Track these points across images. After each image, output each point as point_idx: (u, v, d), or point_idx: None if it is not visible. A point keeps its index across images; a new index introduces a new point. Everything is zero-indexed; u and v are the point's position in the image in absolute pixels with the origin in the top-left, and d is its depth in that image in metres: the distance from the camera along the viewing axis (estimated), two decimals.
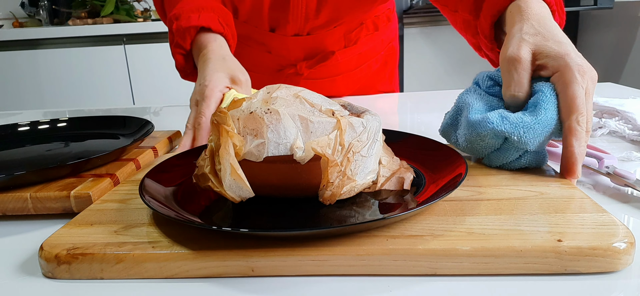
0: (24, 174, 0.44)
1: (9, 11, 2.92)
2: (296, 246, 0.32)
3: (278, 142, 0.34)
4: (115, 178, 0.48)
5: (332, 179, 0.34)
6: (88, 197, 0.43)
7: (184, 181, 0.44)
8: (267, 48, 0.94)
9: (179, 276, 0.33)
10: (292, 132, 0.35)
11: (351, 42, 0.96)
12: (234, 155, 0.33)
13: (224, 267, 0.32)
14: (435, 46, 2.66)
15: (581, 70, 0.42)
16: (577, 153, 0.41)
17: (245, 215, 0.38)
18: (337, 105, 0.40)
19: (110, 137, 0.64)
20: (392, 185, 0.40)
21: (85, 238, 0.35)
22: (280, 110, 0.35)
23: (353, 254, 0.31)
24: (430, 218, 0.35)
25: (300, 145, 0.35)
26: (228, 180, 0.33)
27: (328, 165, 0.34)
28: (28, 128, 0.66)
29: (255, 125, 0.35)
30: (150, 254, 0.33)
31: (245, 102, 0.37)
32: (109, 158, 0.51)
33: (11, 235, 0.41)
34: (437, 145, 0.47)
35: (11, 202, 0.43)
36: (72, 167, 0.47)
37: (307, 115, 0.36)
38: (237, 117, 0.36)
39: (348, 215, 0.36)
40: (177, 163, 0.47)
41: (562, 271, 0.31)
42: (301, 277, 0.32)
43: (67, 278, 0.34)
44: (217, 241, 0.33)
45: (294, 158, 0.35)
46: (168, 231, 0.35)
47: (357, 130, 0.36)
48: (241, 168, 0.34)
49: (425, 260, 0.31)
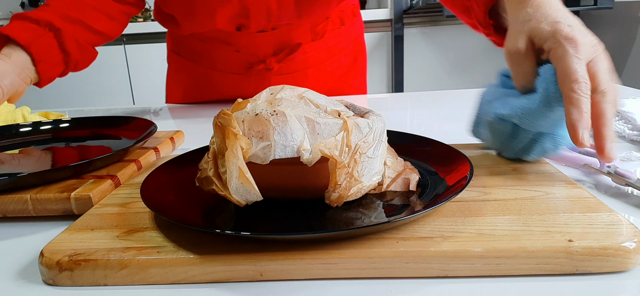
0: (25, 176, 0.44)
1: (9, 11, 2.88)
2: (305, 250, 0.31)
3: (285, 145, 0.34)
4: (116, 180, 0.48)
5: (340, 181, 0.34)
6: (88, 198, 0.43)
7: (185, 184, 0.43)
8: (235, 47, 0.95)
9: (185, 282, 0.32)
10: (299, 134, 0.34)
11: (318, 36, 0.98)
12: (242, 159, 0.32)
13: (232, 272, 0.32)
14: (435, 46, 2.67)
15: (572, 42, 0.41)
16: (574, 119, 0.39)
17: (250, 218, 0.37)
18: (342, 106, 0.40)
19: (112, 137, 0.64)
20: (397, 187, 0.40)
21: (87, 244, 0.34)
22: (287, 112, 0.34)
23: (364, 257, 0.31)
24: (439, 220, 0.35)
25: (307, 147, 0.34)
26: (234, 184, 0.33)
27: (336, 167, 0.33)
28: (30, 128, 0.65)
29: (261, 127, 0.34)
30: (155, 259, 0.32)
31: (249, 104, 0.36)
32: (111, 159, 0.50)
33: (11, 237, 0.40)
34: (440, 146, 0.47)
35: (12, 204, 0.43)
36: (73, 169, 0.46)
37: (313, 116, 0.35)
38: (242, 119, 0.35)
39: (355, 217, 0.36)
40: (177, 166, 0.46)
41: (573, 271, 0.31)
42: (310, 281, 0.32)
43: (69, 285, 0.33)
44: (223, 246, 0.33)
45: (300, 161, 0.34)
46: (172, 236, 0.35)
47: (363, 131, 0.36)
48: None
49: (436, 262, 0.31)
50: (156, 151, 0.57)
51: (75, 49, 0.78)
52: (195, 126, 0.83)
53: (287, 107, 0.35)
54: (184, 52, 1.01)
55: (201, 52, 0.98)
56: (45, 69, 0.75)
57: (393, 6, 2.53)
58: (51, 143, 0.62)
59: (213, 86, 1.01)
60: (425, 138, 0.49)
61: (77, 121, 0.68)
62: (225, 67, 0.98)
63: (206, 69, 0.99)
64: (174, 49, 1.03)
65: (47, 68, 0.75)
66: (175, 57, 1.04)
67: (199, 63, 1.00)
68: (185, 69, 1.02)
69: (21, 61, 0.72)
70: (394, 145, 0.46)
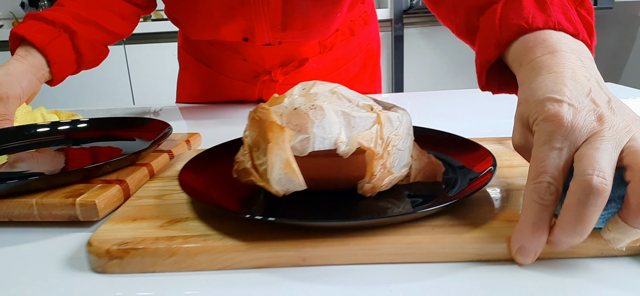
0: (32, 181, 0.43)
1: (9, 11, 2.88)
2: (346, 236, 0.33)
3: (323, 137, 0.35)
4: (124, 185, 0.46)
5: (376, 172, 0.36)
6: (93, 205, 0.41)
7: (220, 176, 0.45)
8: (241, 56, 0.95)
9: (231, 268, 0.34)
10: (336, 127, 0.36)
11: (326, 49, 0.96)
12: (290, 149, 0.34)
13: (276, 258, 0.33)
14: (435, 46, 2.70)
15: (553, 122, 0.31)
16: (516, 229, 0.31)
17: (288, 207, 0.39)
18: (371, 100, 0.41)
19: (125, 139, 0.63)
20: (424, 178, 0.41)
21: (133, 233, 0.36)
22: (324, 106, 0.36)
23: (402, 243, 0.33)
24: (466, 208, 0.37)
25: (344, 139, 0.36)
26: (277, 174, 0.35)
27: (373, 159, 0.35)
28: (48, 128, 0.66)
29: (300, 120, 0.36)
30: (202, 247, 0.33)
31: (286, 99, 0.38)
32: (122, 163, 0.49)
33: (53, 236, 0.42)
34: (461, 140, 0.49)
35: (17, 208, 0.42)
36: (82, 173, 0.45)
37: (348, 110, 0.37)
38: (280, 113, 0.37)
39: (386, 207, 0.38)
40: (206, 159, 0.48)
41: (598, 254, 0.33)
42: (351, 266, 0.33)
43: (117, 272, 0.34)
44: (267, 233, 0.34)
45: (335, 153, 0.36)
46: (214, 225, 0.36)
47: (394, 124, 0.38)
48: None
49: (471, 247, 0.33)
50: (170, 154, 0.56)
51: (88, 49, 0.79)
52: (203, 129, 0.84)
53: (324, 101, 0.37)
54: (193, 52, 1.03)
55: (209, 55, 0.99)
56: (59, 70, 0.76)
57: (393, 6, 2.56)
58: (65, 144, 0.62)
59: (221, 89, 1.02)
60: (446, 132, 0.51)
61: (94, 122, 0.68)
62: (231, 73, 0.99)
63: (213, 72, 1.00)
64: (184, 46, 1.04)
65: (61, 69, 0.76)
66: (184, 54, 1.05)
67: (207, 65, 1.01)
68: (195, 68, 1.03)
69: (37, 62, 0.73)
70: (416, 140, 0.47)
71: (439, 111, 0.85)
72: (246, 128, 0.41)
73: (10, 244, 0.40)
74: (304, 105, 0.36)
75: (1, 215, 0.42)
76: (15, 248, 0.39)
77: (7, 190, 0.42)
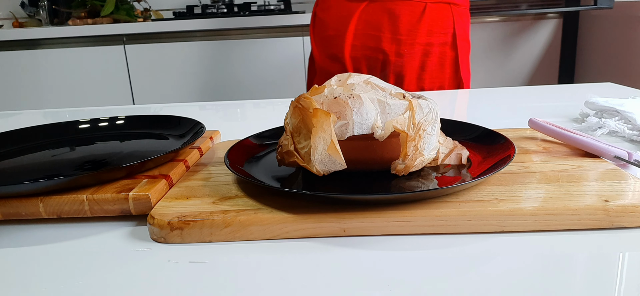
0: (80, 177, 0.44)
1: (9, 11, 2.92)
2: (383, 210, 0.37)
3: (361, 123, 0.39)
4: (169, 179, 0.47)
5: (409, 152, 0.40)
6: (147, 198, 0.42)
7: (258, 161, 0.49)
8: None
9: (279, 237, 0.38)
10: (372, 114, 0.40)
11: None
12: (334, 132, 0.38)
13: (320, 228, 0.37)
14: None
15: None
16: None
17: (328, 184, 0.43)
18: (401, 90, 0.45)
19: (158, 137, 0.64)
20: (451, 160, 0.45)
21: (190, 208, 0.40)
22: (362, 95, 0.40)
23: (433, 216, 0.37)
24: (491, 187, 0.41)
25: (380, 124, 0.40)
26: (320, 155, 0.39)
27: (407, 140, 0.39)
28: (89, 125, 0.68)
29: (340, 108, 0.40)
30: (255, 218, 0.38)
31: (326, 89, 0.42)
32: (164, 159, 0.50)
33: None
34: (481, 129, 0.53)
35: (67, 204, 0.43)
36: (127, 169, 0.46)
37: (383, 98, 0.41)
38: (321, 102, 0.41)
39: (416, 185, 0.42)
40: (245, 146, 0.52)
41: (609, 226, 0.36)
42: (386, 236, 0.37)
43: (178, 242, 0.38)
44: (311, 207, 0.38)
45: (372, 136, 0.40)
46: (263, 201, 0.40)
47: (424, 110, 0.42)
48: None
49: (494, 219, 0.36)
50: (199, 150, 0.57)
51: None
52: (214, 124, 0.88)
53: (361, 91, 0.41)
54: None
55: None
56: None
57: None
58: (97, 143, 0.63)
59: None
60: (467, 123, 0.55)
61: (131, 119, 0.69)
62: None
63: None
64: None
65: None
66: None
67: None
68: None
69: None
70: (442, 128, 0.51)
71: (439, 111, 0.89)
72: (287, 116, 0.45)
73: (69, 239, 0.41)
74: (343, 95, 0.40)
75: (50, 211, 0.43)
76: (76, 242, 0.41)
77: (55, 186, 0.43)
